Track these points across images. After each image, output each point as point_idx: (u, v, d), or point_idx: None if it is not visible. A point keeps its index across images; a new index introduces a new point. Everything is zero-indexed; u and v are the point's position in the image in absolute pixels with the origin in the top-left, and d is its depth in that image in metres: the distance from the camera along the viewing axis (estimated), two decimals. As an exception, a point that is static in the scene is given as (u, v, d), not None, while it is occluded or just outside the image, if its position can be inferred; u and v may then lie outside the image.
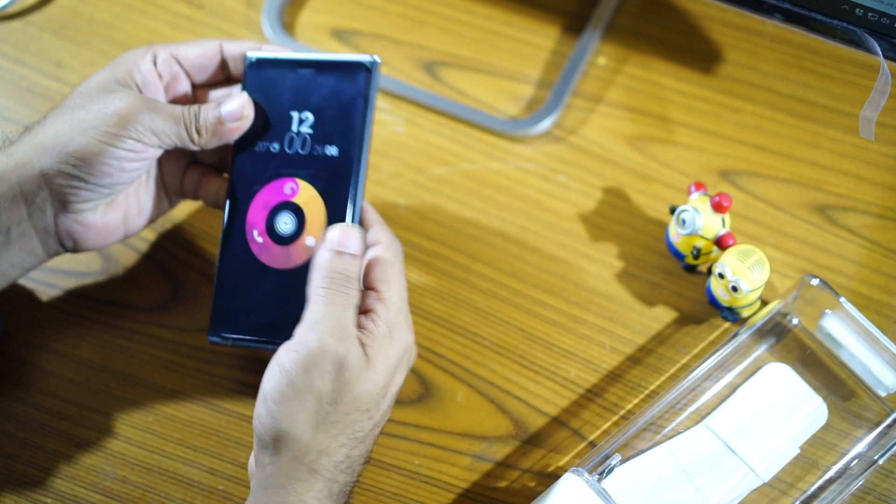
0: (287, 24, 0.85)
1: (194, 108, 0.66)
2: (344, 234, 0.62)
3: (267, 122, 0.68)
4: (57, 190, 0.65)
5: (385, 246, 0.64)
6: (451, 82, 0.83)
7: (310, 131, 0.67)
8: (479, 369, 0.72)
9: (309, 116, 0.67)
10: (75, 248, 0.68)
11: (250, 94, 0.68)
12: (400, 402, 0.71)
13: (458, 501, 0.68)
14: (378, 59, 0.66)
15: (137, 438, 0.70)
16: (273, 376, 0.59)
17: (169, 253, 0.76)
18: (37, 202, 0.65)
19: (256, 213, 0.66)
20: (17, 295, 0.74)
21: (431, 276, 0.75)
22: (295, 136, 0.67)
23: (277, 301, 0.65)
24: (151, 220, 0.71)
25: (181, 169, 0.71)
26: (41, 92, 0.82)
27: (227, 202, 0.67)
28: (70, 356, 0.72)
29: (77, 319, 0.73)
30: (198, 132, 0.66)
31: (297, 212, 0.65)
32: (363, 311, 0.62)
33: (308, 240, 0.65)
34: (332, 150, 0.66)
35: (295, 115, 0.67)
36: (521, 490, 0.68)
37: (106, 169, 0.64)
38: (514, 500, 0.68)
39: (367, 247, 0.64)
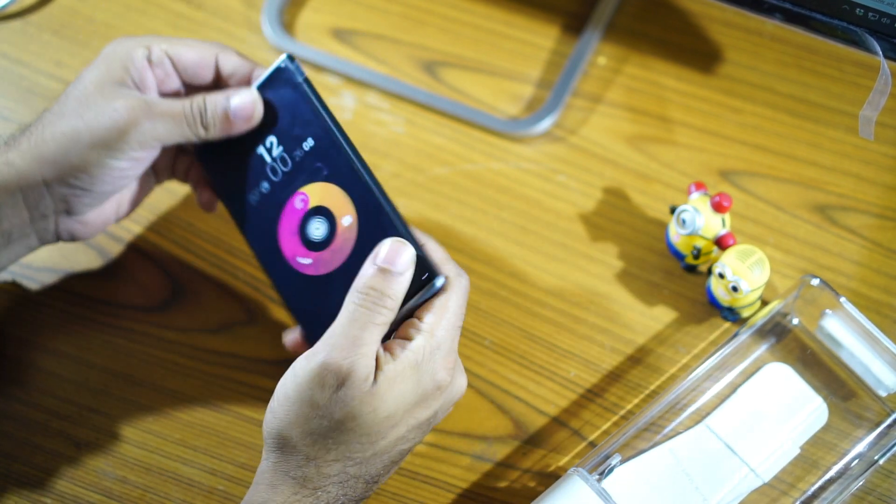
0: (287, 24, 0.85)
1: (198, 101, 0.65)
2: (392, 250, 0.59)
3: (243, 176, 0.68)
4: (60, 198, 0.65)
5: (446, 280, 0.61)
6: (451, 82, 0.83)
7: (281, 148, 0.67)
8: (479, 369, 0.72)
9: (273, 139, 0.67)
10: (71, 240, 0.69)
11: (215, 168, 0.69)
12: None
13: (458, 501, 0.68)
14: (288, 55, 0.67)
15: (137, 438, 0.70)
16: (285, 379, 0.58)
17: (169, 253, 0.76)
18: (40, 209, 0.65)
19: (288, 244, 0.65)
20: (17, 295, 0.74)
21: (431, 276, 0.75)
22: (274, 161, 0.67)
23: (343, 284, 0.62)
24: (139, 203, 0.72)
25: (172, 155, 0.71)
26: (41, 92, 0.82)
27: (258, 257, 0.67)
28: (70, 356, 0.72)
29: (77, 319, 0.73)
30: (205, 128, 0.65)
31: (320, 211, 0.65)
32: (401, 336, 0.60)
33: (345, 221, 0.63)
34: (308, 144, 0.66)
35: (262, 149, 0.67)
36: (521, 490, 0.68)
37: (108, 178, 0.65)
38: (514, 500, 0.68)
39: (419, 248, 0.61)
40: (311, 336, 0.63)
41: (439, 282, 0.60)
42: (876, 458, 0.67)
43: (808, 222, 0.77)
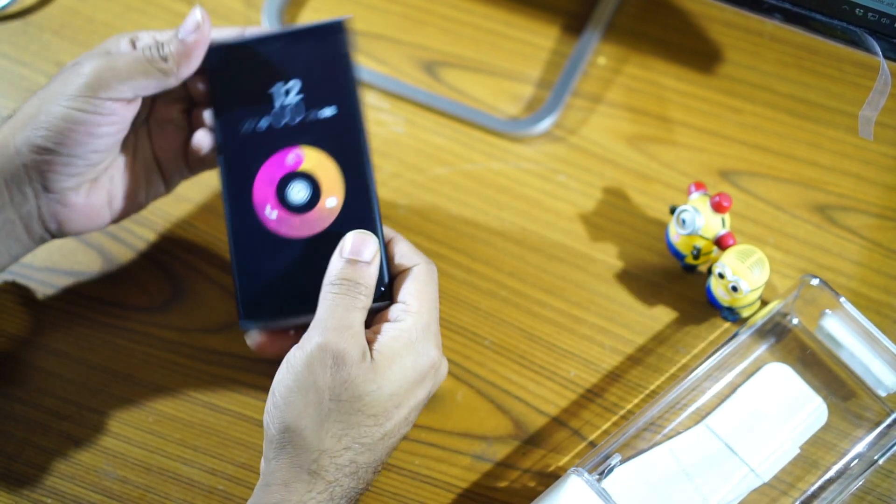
0: (287, 24, 0.85)
1: (155, 43, 0.65)
2: (357, 240, 0.62)
3: (248, 103, 0.66)
4: (33, 167, 0.64)
5: (420, 267, 0.63)
6: (451, 82, 0.83)
7: (300, 97, 0.66)
8: (479, 369, 0.72)
9: (296, 84, 0.66)
10: (60, 232, 0.67)
11: (221, 82, 0.67)
12: (400, 402, 0.71)
13: (458, 501, 0.68)
14: (348, 17, 0.67)
15: (137, 438, 0.70)
16: (281, 372, 0.59)
17: (169, 253, 0.76)
18: (17, 183, 0.64)
19: (263, 191, 0.65)
20: (17, 295, 0.74)
21: (431, 276, 0.75)
22: (285, 107, 0.66)
23: (307, 269, 0.63)
24: (142, 204, 0.70)
25: (180, 142, 0.70)
26: (41, 92, 0.82)
27: (224, 189, 0.65)
28: (70, 356, 0.72)
29: (77, 319, 0.73)
30: (164, 59, 0.64)
31: (308, 178, 0.65)
32: (388, 320, 0.62)
33: (329, 202, 0.64)
34: (328, 111, 0.65)
35: (280, 87, 0.66)
36: (521, 490, 0.68)
37: (76, 136, 0.63)
38: (514, 500, 0.68)
39: (384, 253, 0.63)
40: (242, 288, 0.63)
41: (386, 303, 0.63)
42: (875, 457, 0.67)
43: (808, 222, 0.77)
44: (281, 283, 0.63)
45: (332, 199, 0.64)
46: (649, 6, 0.86)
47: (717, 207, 0.71)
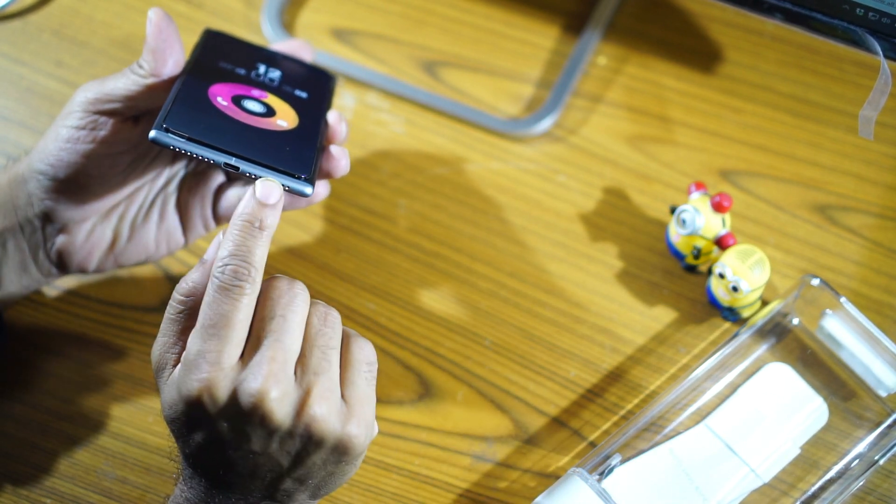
0: (287, 24, 0.85)
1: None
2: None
3: (229, 61, 0.67)
4: (37, 193, 0.64)
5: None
6: (451, 82, 0.83)
7: (279, 75, 0.68)
8: (479, 369, 0.72)
9: (276, 71, 0.68)
10: (64, 266, 0.67)
11: (207, 49, 0.68)
12: (400, 401, 0.71)
13: (458, 501, 0.68)
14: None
15: (137, 438, 0.70)
16: None
17: (169, 253, 0.76)
18: (24, 208, 0.64)
19: (219, 92, 0.64)
20: (17, 295, 0.74)
21: (431, 276, 0.75)
22: (261, 73, 0.68)
23: (233, 125, 0.62)
24: (152, 253, 0.69)
25: (209, 189, 0.69)
26: (41, 92, 0.82)
27: (175, 86, 0.63)
28: (70, 356, 0.72)
29: (77, 319, 0.73)
30: (141, 67, 0.63)
31: (267, 105, 0.65)
32: None
33: (280, 122, 0.64)
34: (301, 94, 0.68)
35: (262, 66, 0.68)
36: (521, 490, 0.68)
37: (72, 158, 0.62)
38: (514, 500, 0.68)
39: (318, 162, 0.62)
40: (172, 107, 0.61)
41: (298, 186, 0.60)
42: (876, 458, 0.67)
43: (809, 222, 0.77)
44: (206, 122, 0.61)
45: (283, 122, 0.64)
46: (649, 6, 0.86)
47: (718, 207, 0.71)
